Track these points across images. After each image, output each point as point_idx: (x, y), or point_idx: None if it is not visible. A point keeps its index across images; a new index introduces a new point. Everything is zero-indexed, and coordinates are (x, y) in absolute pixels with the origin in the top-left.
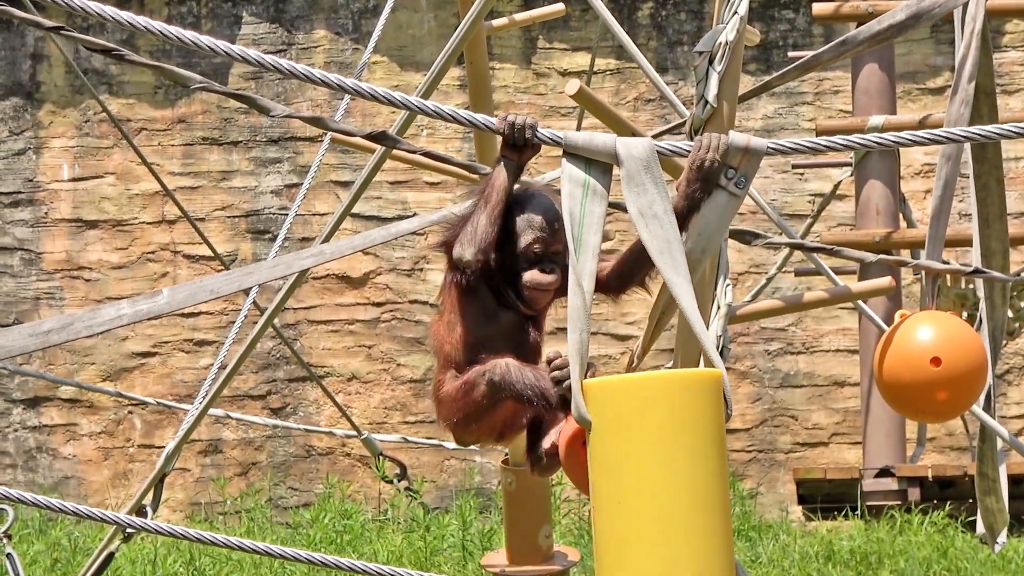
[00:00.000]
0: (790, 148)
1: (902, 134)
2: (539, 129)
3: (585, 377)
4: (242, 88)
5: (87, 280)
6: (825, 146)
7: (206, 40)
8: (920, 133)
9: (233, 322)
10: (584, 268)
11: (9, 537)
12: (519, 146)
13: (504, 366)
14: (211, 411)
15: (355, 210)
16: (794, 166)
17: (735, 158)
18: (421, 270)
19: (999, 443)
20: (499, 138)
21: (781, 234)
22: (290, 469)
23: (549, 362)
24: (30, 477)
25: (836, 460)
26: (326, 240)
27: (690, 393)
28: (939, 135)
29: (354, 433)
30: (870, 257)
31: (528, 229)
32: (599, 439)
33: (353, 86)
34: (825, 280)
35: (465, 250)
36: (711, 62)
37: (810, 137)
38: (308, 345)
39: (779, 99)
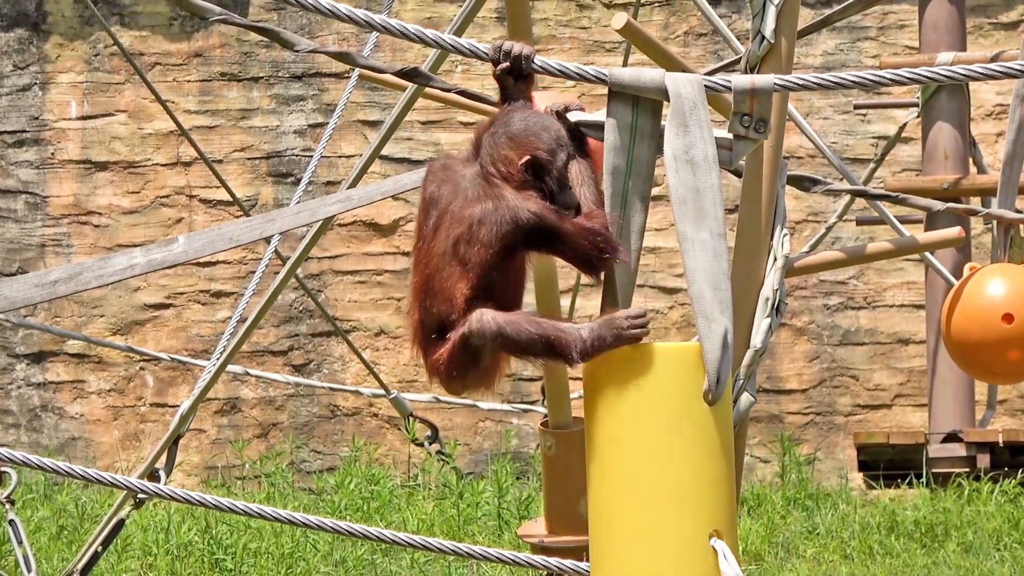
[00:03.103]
0: (798, 84)
1: (972, 67)
2: (535, 58)
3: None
4: (264, 20)
5: (96, 226)
6: (844, 81)
7: None
8: (992, 66)
9: (253, 272)
10: (634, 223)
11: (12, 502)
12: (516, 76)
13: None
14: (229, 368)
15: (384, 152)
16: (856, 106)
17: (744, 103)
18: None
19: None
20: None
21: (842, 180)
22: (313, 431)
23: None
24: (34, 438)
25: (899, 424)
26: (353, 185)
27: (659, 367)
28: (1013, 68)
29: (382, 392)
30: (937, 205)
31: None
32: (589, 416)
33: (381, 23)
34: (889, 230)
35: None
36: None
37: (874, 70)
38: (333, 297)
39: (840, 34)
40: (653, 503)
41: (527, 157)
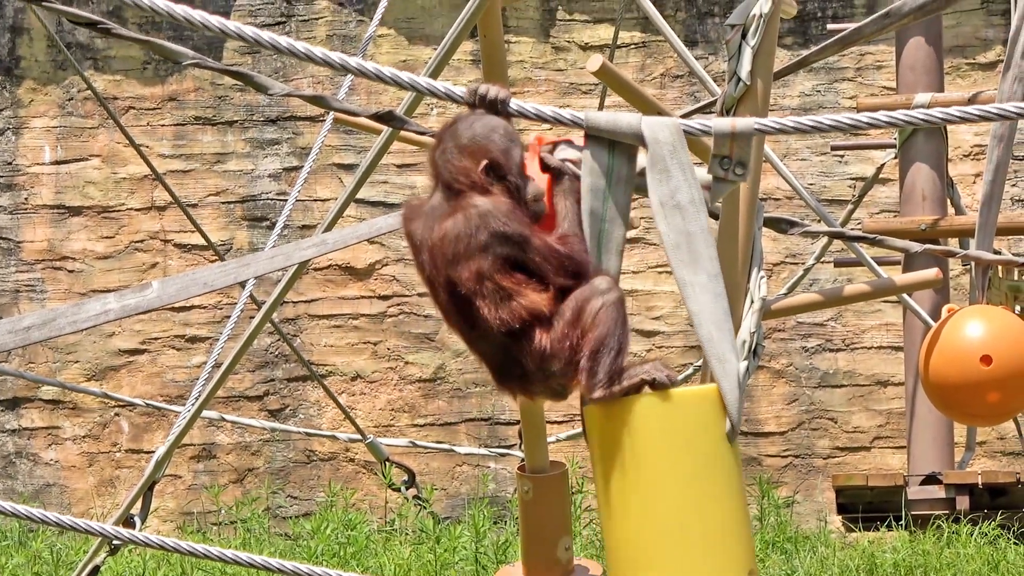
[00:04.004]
0: (776, 128)
1: (949, 110)
2: (511, 102)
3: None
4: (238, 63)
5: (70, 271)
6: (822, 124)
7: (198, 15)
8: (969, 109)
9: (228, 317)
10: (610, 266)
11: None
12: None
13: None
14: (204, 413)
15: (360, 195)
16: (833, 148)
17: (724, 146)
18: None
19: None
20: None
21: (819, 221)
22: (289, 476)
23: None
24: (9, 484)
25: (879, 466)
26: (328, 228)
27: (683, 412)
28: (990, 111)
29: (358, 437)
30: (915, 247)
31: None
32: (601, 463)
33: (357, 66)
34: (867, 271)
35: None
36: (744, 36)
37: (850, 114)
38: (309, 342)
39: (817, 75)
40: (693, 549)
41: (484, 161)
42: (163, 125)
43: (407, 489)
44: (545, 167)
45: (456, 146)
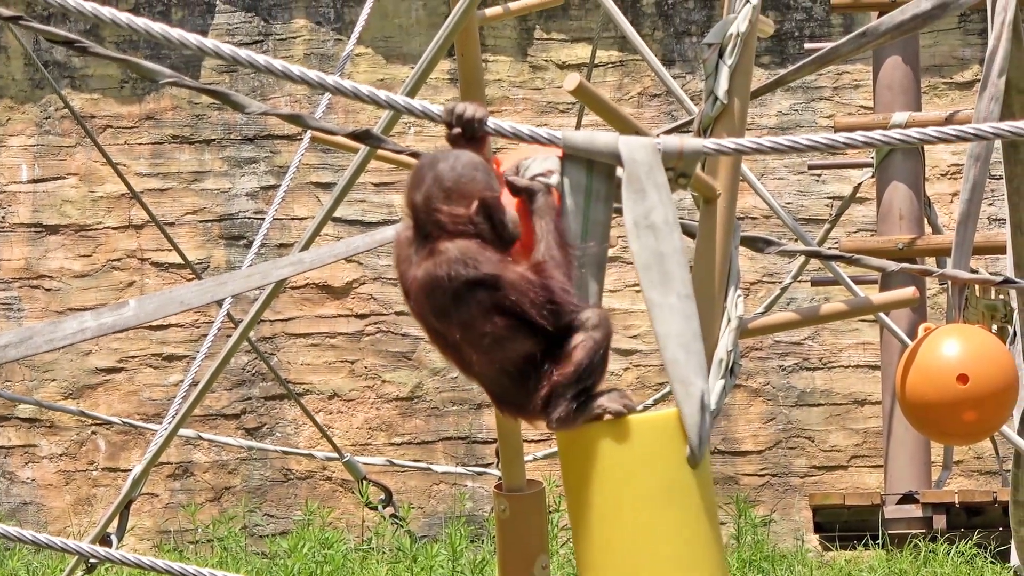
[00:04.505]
0: (731, 149)
1: (926, 130)
2: (488, 121)
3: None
4: (215, 82)
5: (47, 290)
6: (798, 144)
7: (176, 34)
8: (946, 129)
9: (205, 335)
10: (589, 288)
11: None
12: (469, 138)
13: None
14: (181, 432)
15: (337, 214)
16: (810, 167)
17: (671, 160)
18: None
19: None
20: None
21: (796, 240)
22: (266, 494)
23: None
24: None
25: (855, 485)
26: (305, 247)
27: (640, 439)
28: (967, 131)
29: (335, 455)
30: (892, 266)
31: None
32: (569, 487)
33: (334, 84)
34: (844, 290)
35: None
36: (721, 55)
37: (827, 134)
38: (286, 360)
39: (795, 94)
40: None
41: (476, 203)
42: (140, 143)
43: (384, 508)
44: (514, 190)
45: (441, 188)
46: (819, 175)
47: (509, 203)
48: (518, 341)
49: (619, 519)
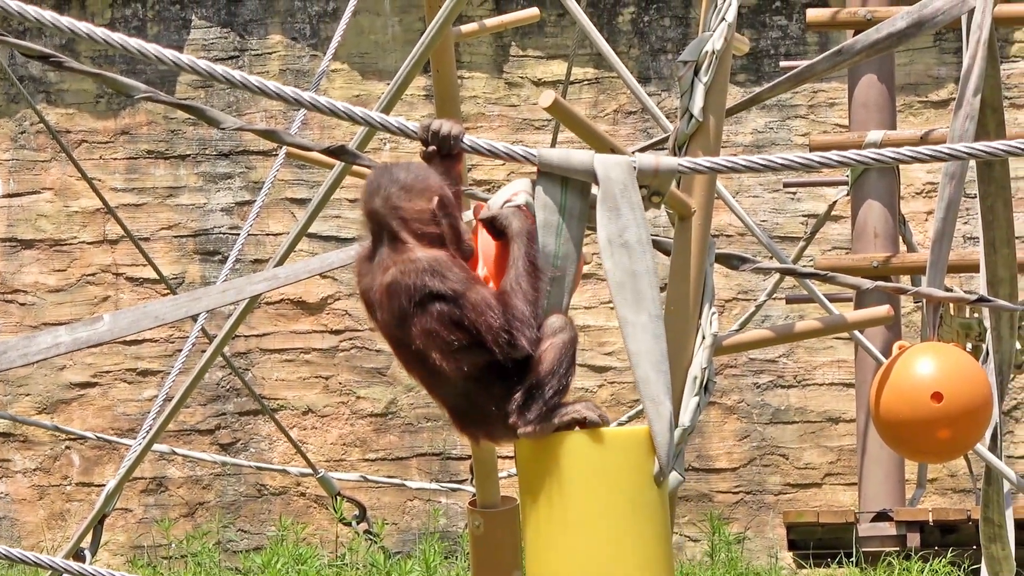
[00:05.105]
0: (707, 167)
1: (901, 150)
2: (464, 138)
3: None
4: (191, 97)
5: (22, 304)
6: (773, 163)
7: (152, 49)
8: (921, 149)
9: (179, 351)
10: (561, 303)
11: None
12: (444, 155)
13: None
14: (155, 447)
15: (312, 230)
16: (785, 184)
17: (647, 177)
18: None
19: (1006, 486)
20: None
21: (771, 258)
22: (240, 510)
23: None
24: None
25: (830, 503)
26: (280, 263)
27: (612, 452)
28: (942, 151)
29: (309, 471)
30: (867, 284)
31: None
32: (525, 500)
33: (310, 100)
34: (819, 308)
35: None
36: (697, 72)
37: (802, 153)
38: (260, 376)
39: (770, 112)
40: None
41: (436, 198)
42: (115, 159)
43: (358, 523)
44: (487, 223)
45: (401, 187)
46: (794, 193)
47: (486, 243)
48: (479, 354)
49: (579, 530)
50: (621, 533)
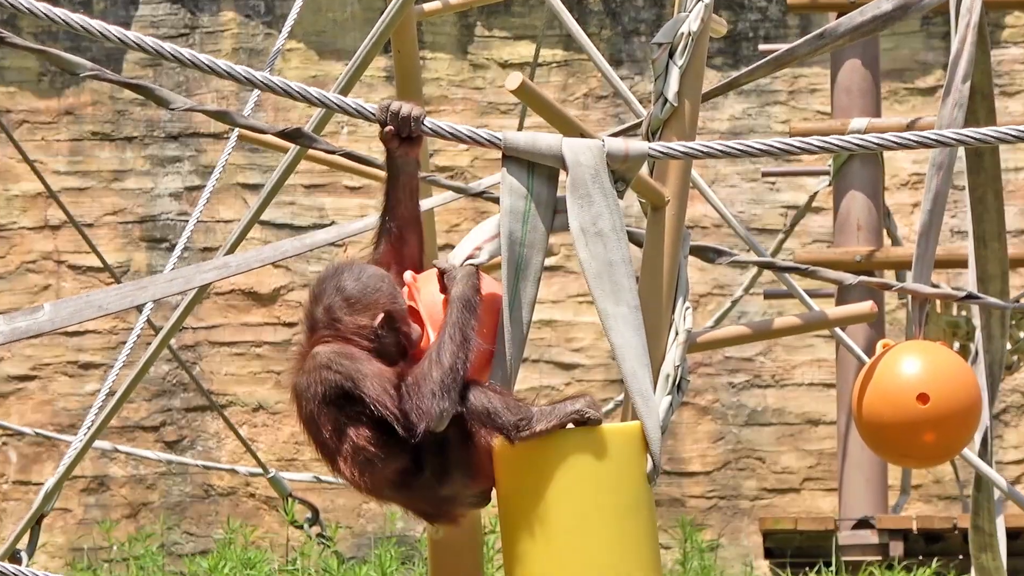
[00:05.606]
0: (702, 151)
1: (886, 136)
2: (425, 120)
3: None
4: (138, 76)
5: None
6: (751, 149)
7: (97, 25)
8: (906, 135)
9: (124, 343)
10: (525, 295)
11: None
12: (404, 138)
13: None
14: (97, 443)
15: (264, 217)
16: (764, 174)
17: (616, 163)
18: None
19: (996, 493)
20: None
21: (749, 251)
22: (186, 511)
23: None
24: None
25: (808, 509)
26: (231, 251)
27: (605, 450)
28: (929, 138)
29: (260, 471)
30: (850, 279)
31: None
32: (510, 502)
33: (263, 80)
34: (798, 304)
35: None
36: (671, 55)
37: (782, 138)
38: (209, 370)
39: (748, 98)
40: None
41: (381, 315)
42: (59, 140)
43: (310, 527)
44: (442, 276)
45: (344, 300)
46: (773, 183)
47: (433, 302)
48: (392, 456)
49: (576, 535)
50: (615, 538)
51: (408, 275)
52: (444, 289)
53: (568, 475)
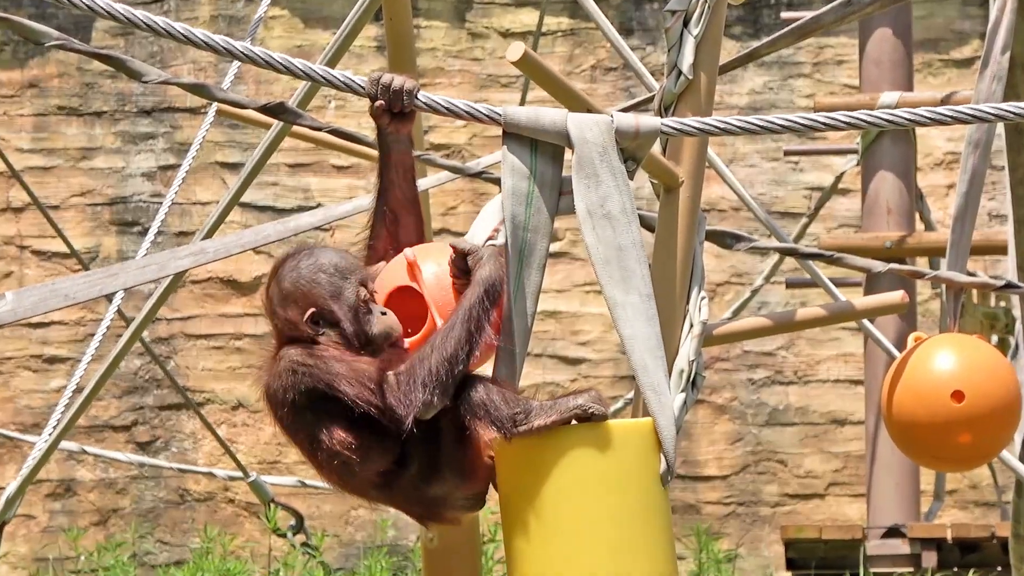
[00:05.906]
0: (719, 128)
1: (918, 111)
2: (419, 94)
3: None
4: (109, 46)
5: None
6: (773, 125)
7: None
8: (941, 110)
9: (92, 335)
10: (530, 284)
11: None
12: (396, 113)
13: None
14: (63, 444)
15: (245, 198)
16: (787, 152)
17: (626, 140)
18: None
19: None
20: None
21: (770, 236)
22: (160, 518)
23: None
24: None
25: (834, 516)
26: (209, 235)
27: (613, 448)
28: (964, 113)
29: (239, 474)
30: (879, 266)
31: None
32: (512, 502)
33: (243, 51)
34: (823, 294)
35: None
36: (686, 23)
37: (806, 114)
38: (184, 365)
39: (770, 70)
40: None
41: (310, 311)
42: (22, 115)
43: (294, 535)
44: (458, 254)
45: (280, 292)
46: (796, 162)
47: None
48: (374, 456)
49: (586, 538)
50: (627, 541)
51: (409, 252)
52: (462, 272)
53: (571, 473)
